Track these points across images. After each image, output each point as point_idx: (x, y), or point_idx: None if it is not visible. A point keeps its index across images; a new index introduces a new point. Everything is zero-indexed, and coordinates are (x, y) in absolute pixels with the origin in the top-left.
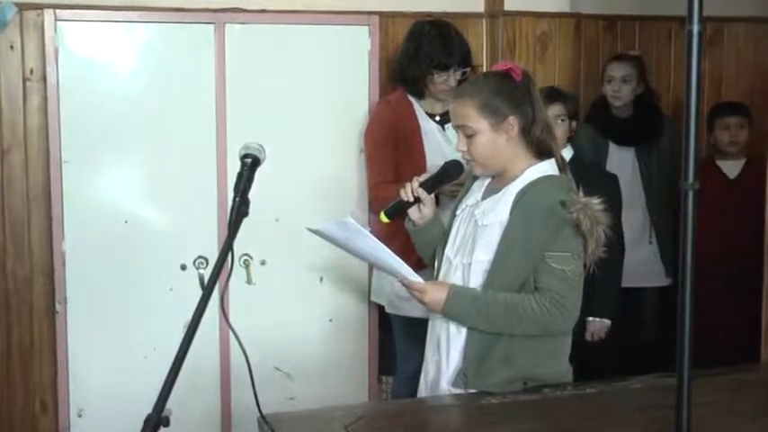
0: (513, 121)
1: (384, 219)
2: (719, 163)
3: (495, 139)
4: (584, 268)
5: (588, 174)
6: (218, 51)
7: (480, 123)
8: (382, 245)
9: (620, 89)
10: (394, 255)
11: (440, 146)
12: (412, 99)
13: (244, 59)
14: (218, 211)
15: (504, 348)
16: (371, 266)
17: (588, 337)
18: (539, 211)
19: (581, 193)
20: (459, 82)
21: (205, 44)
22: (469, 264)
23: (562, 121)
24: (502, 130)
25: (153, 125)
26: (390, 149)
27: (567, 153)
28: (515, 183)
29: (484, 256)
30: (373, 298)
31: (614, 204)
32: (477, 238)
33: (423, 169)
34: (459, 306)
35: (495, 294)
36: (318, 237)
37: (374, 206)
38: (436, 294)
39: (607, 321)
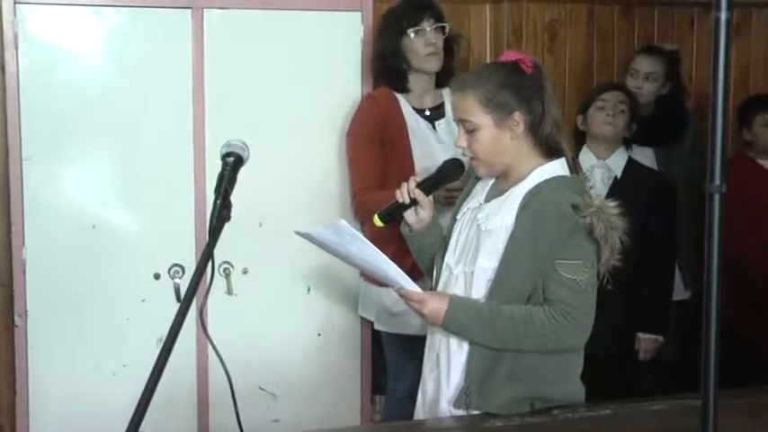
0: (518, 118)
1: (377, 222)
2: (762, 162)
3: (498, 136)
4: (597, 278)
5: (646, 176)
6: (196, 39)
7: (483, 118)
8: (378, 251)
9: (642, 86)
10: (390, 262)
11: (430, 146)
12: (397, 95)
13: (224, 48)
14: (195, 214)
15: (509, 365)
16: (362, 277)
17: (642, 356)
18: (548, 214)
19: (594, 195)
20: (446, 49)
21: (181, 31)
22: (472, 272)
23: (622, 112)
24: (506, 126)
25: (124, 119)
26: (375, 151)
27: (623, 153)
28: (522, 184)
29: (488, 263)
30: (360, 312)
31: (671, 211)
32: (480, 244)
33: (411, 173)
34: (460, 319)
35: (500, 306)
36: (307, 242)
37: (358, 214)
38: (436, 306)
39: (660, 338)
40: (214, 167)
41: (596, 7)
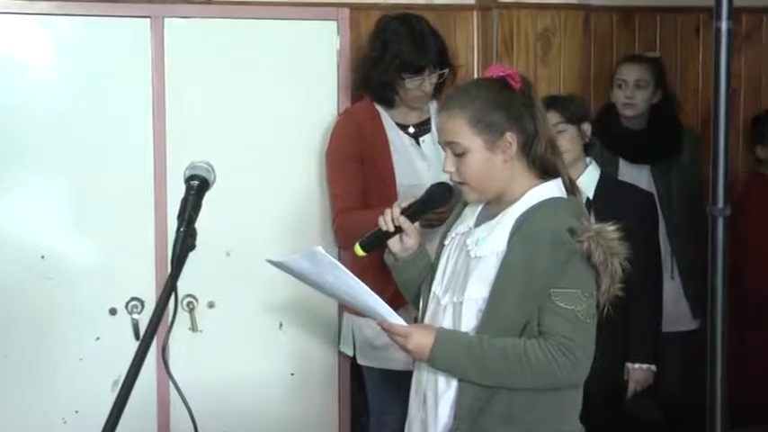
0: (510, 138)
1: (359, 251)
2: None
3: (489, 159)
4: (597, 308)
5: (620, 192)
6: (156, 51)
7: (473, 141)
8: (358, 280)
9: (633, 95)
10: (371, 292)
11: (412, 163)
12: (379, 109)
13: (187, 61)
14: (156, 243)
15: (502, 404)
16: (342, 308)
17: (632, 388)
18: (543, 239)
19: (593, 219)
20: (437, 87)
21: (140, 42)
22: (461, 303)
23: (560, 131)
24: (498, 148)
25: (77, 139)
26: (355, 170)
27: (594, 171)
28: (515, 206)
29: (478, 293)
30: (342, 347)
31: (652, 229)
32: (469, 271)
33: (392, 191)
34: (448, 354)
35: (491, 340)
36: (280, 271)
37: (338, 237)
38: (421, 339)
39: (653, 368)
40: (177, 191)
41: (593, 15)
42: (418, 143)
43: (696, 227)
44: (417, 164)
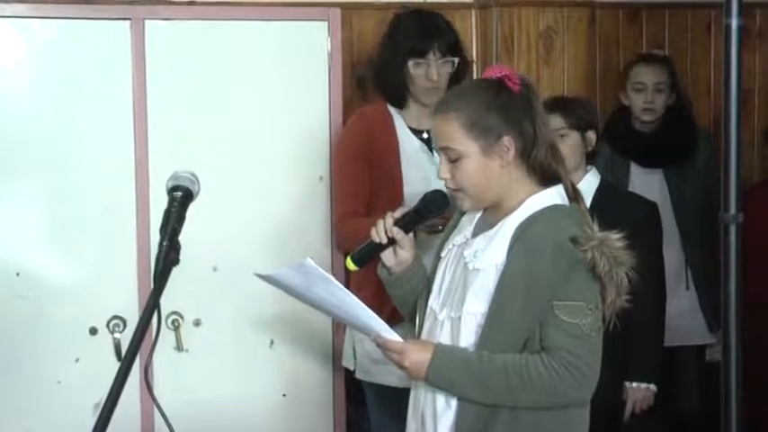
0: (508, 143)
1: (351, 266)
2: None
3: (486, 165)
4: (602, 321)
5: (619, 201)
6: (136, 55)
7: (468, 146)
8: (351, 294)
9: (653, 100)
10: (365, 307)
11: (423, 169)
12: (392, 111)
13: (169, 66)
14: (138, 258)
15: (505, 424)
16: (337, 323)
17: (630, 408)
18: (544, 249)
19: (596, 227)
20: (452, 79)
21: (119, 46)
22: (459, 317)
23: (562, 136)
24: (495, 153)
25: (54, 149)
26: (361, 172)
27: (593, 177)
28: (514, 215)
29: (476, 307)
30: (344, 361)
31: (655, 238)
32: (467, 285)
33: (399, 198)
34: (446, 371)
35: (491, 356)
36: (270, 286)
37: (339, 243)
38: (418, 356)
39: (653, 387)
40: (160, 203)
41: (598, 12)
42: (431, 149)
43: (712, 235)
44: (428, 171)
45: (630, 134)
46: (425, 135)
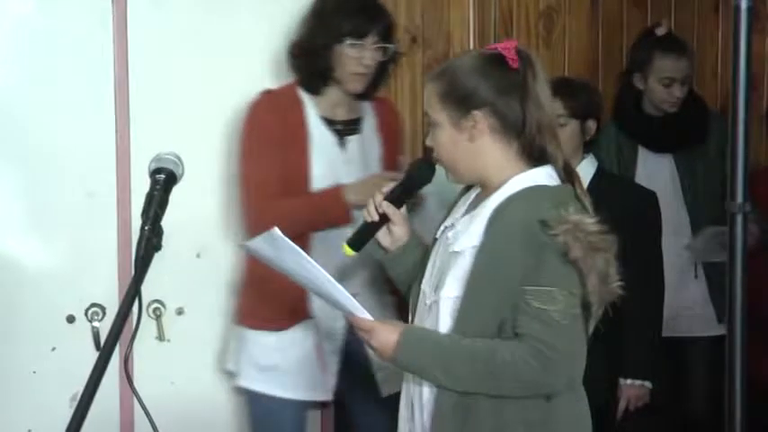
0: (478, 118)
1: (349, 252)
2: None
3: (454, 138)
4: (587, 308)
5: (616, 190)
6: (118, 31)
7: (440, 114)
8: (319, 267)
9: (680, 94)
10: (335, 282)
11: (333, 165)
12: (304, 96)
13: (153, 42)
14: (118, 243)
15: (486, 413)
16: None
17: (623, 406)
18: (515, 231)
19: (572, 210)
20: (377, 76)
21: (100, 21)
22: (436, 301)
23: (561, 125)
24: (462, 127)
25: (29, 129)
26: (275, 156)
27: (589, 165)
28: (494, 196)
29: (453, 291)
30: (228, 364)
31: (652, 229)
32: (447, 268)
33: (302, 194)
34: (414, 354)
35: (463, 340)
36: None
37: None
38: (386, 337)
39: (648, 384)
40: (141, 186)
41: None
42: (343, 144)
43: (722, 222)
44: (338, 166)
45: (641, 118)
46: (338, 126)
